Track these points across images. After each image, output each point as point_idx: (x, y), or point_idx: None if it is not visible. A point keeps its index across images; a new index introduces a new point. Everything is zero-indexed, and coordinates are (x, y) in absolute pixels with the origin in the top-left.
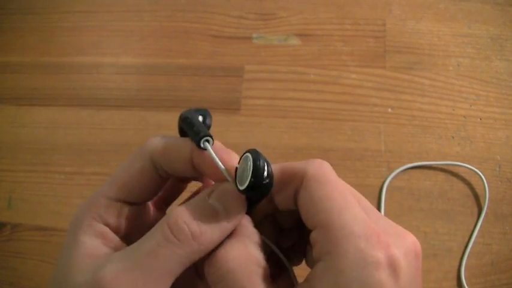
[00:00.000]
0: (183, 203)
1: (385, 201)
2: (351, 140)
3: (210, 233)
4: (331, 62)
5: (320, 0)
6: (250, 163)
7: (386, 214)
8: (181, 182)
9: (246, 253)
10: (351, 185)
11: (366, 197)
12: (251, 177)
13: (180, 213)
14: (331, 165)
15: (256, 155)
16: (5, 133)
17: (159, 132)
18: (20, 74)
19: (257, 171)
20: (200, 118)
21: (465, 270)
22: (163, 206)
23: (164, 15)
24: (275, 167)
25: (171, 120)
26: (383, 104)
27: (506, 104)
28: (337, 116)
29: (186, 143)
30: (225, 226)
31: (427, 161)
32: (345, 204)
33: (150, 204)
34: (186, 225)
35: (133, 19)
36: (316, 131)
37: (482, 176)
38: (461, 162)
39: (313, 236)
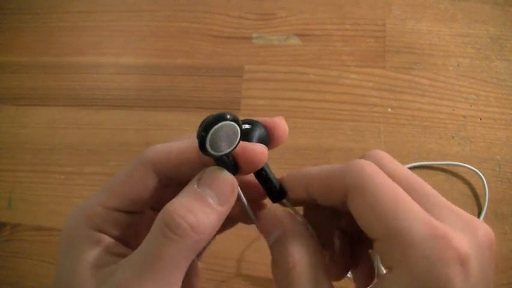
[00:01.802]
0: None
1: None
2: (351, 140)
3: (207, 220)
4: (331, 62)
5: (320, 0)
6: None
7: None
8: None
9: (310, 254)
10: None
11: None
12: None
13: (173, 208)
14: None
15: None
16: (4, 133)
17: (159, 132)
18: (19, 74)
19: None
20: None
21: None
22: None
23: (164, 15)
24: (315, 170)
25: (171, 120)
26: (383, 104)
27: (506, 104)
28: (337, 116)
29: (190, 145)
30: (220, 210)
31: (427, 161)
32: (397, 208)
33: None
34: (182, 219)
35: (133, 19)
36: (316, 131)
37: (482, 176)
38: (461, 162)
39: (376, 247)
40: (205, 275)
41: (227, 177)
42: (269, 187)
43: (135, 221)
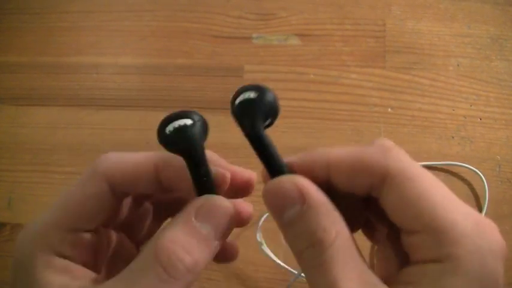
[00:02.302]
0: (167, 227)
1: None
2: (351, 140)
3: (203, 259)
4: (331, 62)
5: (320, 0)
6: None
7: None
8: (139, 201)
9: (345, 229)
10: None
11: None
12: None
13: (170, 247)
14: None
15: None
16: (4, 133)
17: None
18: (18, 74)
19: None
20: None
21: None
22: (119, 226)
23: (164, 15)
24: (342, 151)
25: None
26: (383, 104)
27: (506, 104)
28: (337, 116)
29: (147, 158)
30: (215, 245)
31: (427, 161)
32: (445, 201)
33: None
34: (180, 261)
35: (133, 19)
36: (316, 131)
37: (482, 176)
38: (461, 162)
39: (415, 240)
40: (205, 274)
41: (227, 209)
42: (270, 164)
43: (92, 240)
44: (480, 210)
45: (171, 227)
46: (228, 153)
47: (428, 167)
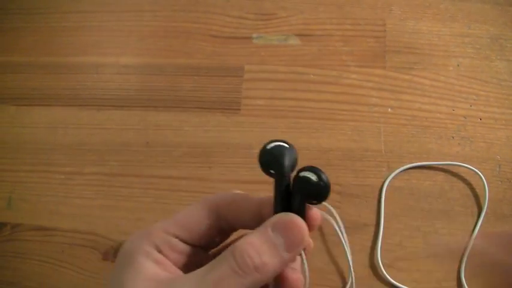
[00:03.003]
0: (248, 234)
1: (385, 201)
2: (351, 140)
3: (271, 264)
4: (331, 62)
5: (320, 0)
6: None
7: (386, 214)
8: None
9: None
10: (351, 185)
11: (366, 197)
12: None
13: (245, 246)
14: (331, 165)
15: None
16: (5, 133)
17: (159, 132)
18: (20, 74)
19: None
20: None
21: (465, 270)
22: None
23: (164, 15)
24: None
25: (171, 120)
26: (383, 104)
27: (506, 104)
28: (337, 116)
29: (254, 197)
30: (285, 256)
31: (427, 161)
32: None
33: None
34: (250, 259)
35: (133, 19)
36: (316, 131)
37: (482, 176)
38: (461, 162)
39: None
40: None
41: (301, 226)
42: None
43: (188, 252)
44: (480, 210)
45: (250, 234)
46: (227, 153)
47: (428, 167)
